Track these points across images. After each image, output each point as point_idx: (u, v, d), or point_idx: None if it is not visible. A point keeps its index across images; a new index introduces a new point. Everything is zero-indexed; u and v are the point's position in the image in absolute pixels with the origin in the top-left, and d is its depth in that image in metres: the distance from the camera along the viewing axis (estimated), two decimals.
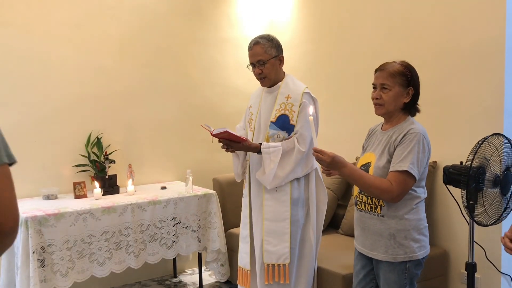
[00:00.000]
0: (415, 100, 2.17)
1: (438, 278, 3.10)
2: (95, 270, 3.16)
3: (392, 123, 2.19)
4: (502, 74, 2.78)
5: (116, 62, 3.88)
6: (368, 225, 2.19)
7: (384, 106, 2.15)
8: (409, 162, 2.00)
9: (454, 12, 3.03)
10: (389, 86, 2.12)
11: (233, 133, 2.64)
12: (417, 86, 2.16)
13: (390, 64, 2.17)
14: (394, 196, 2.03)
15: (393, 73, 2.12)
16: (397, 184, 2.01)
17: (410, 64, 2.18)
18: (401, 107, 2.15)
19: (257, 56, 2.76)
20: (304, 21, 4.34)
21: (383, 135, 2.20)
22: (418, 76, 2.18)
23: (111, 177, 3.62)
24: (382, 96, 2.14)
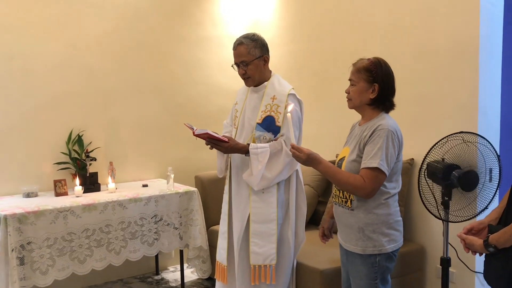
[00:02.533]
0: (385, 96, 2.18)
1: (415, 273, 3.16)
2: (76, 267, 3.16)
3: (366, 118, 2.24)
4: (476, 74, 2.85)
5: (98, 59, 3.87)
6: (341, 218, 2.26)
7: (352, 101, 2.23)
8: (379, 158, 2.05)
9: (431, 13, 3.09)
10: (355, 82, 2.20)
11: (214, 134, 2.63)
12: (386, 82, 2.17)
13: (361, 60, 2.22)
14: (367, 192, 2.08)
15: (358, 69, 2.18)
16: (369, 180, 2.06)
17: (383, 61, 2.20)
18: (368, 102, 2.19)
19: (240, 57, 2.75)
20: (287, 20, 4.37)
21: (358, 130, 2.26)
22: (389, 72, 2.19)
23: (92, 175, 3.62)
24: (350, 90, 2.22)
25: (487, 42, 2.86)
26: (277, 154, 2.70)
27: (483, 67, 2.85)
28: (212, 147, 2.73)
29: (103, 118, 3.92)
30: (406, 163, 3.14)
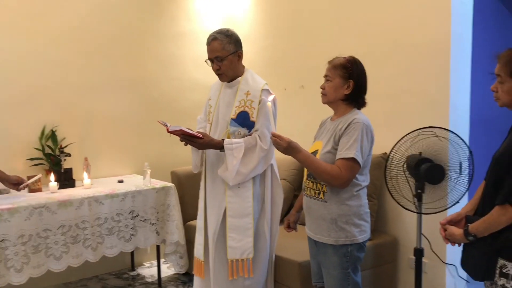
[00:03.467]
0: (358, 93, 2.28)
1: (388, 265, 3.26)
2: (52, 264, 3.12)
3: (339, 114, 2.33)
4: (447, 70, 2.95)
5: (70, 54, 3.81)
6: (313, 210, 2.32)
7: (326, 96, 2.31)
8: (355, 149, 2.13)
9: (405, 11, 3.17)
10: (331, 78, 2.28)
11: (188, 131, 2.61)
12: (360, 80, 2.27)
13: (337, 58, 2.32)
14: (343, 181, 2.16)
15: (335, 65, 2.28)
16: (345, 170, 2.14)
17: (358, 60, 2.31)
18: (342, 98, 2.28)
19: (214, 52, 2.74)
20: (261, 16, 4.40)
21: (331, 125, 2.33)
22: (363, 71, 2.30)
23: (67, 171, 3.57)
24: (325, 86, 2.30)
25: (458, 40, 2.96)
26: (252, 149, 2.72)
27: (454, 64, 2.96)
28: (187, 144, 2.73)
29: (77, 113, 3.86)
30: (379, 157, 3.22)
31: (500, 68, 1.82)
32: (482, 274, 1.84)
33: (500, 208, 1.76)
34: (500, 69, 1.82)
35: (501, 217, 1.75)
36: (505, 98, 1.83)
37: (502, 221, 1.75)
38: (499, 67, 1.82)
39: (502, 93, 1.83)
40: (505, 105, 1.86)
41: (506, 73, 1.79)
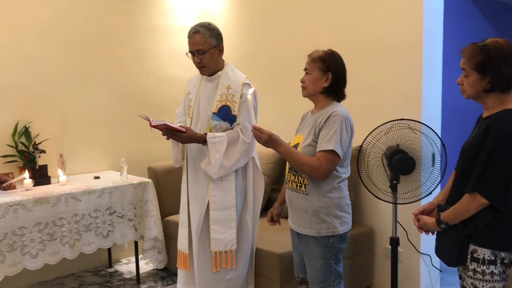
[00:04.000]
0: (337, 86, 2.32)
1: (365, 254, 3.34)
2: (28, 262, 3.07)
3: (319, 107, 2.37)
4: (420, 65, 3.03)
5: (43, 48, 3.74)
6: (294, 202, 2.36)
7: (306, 89, 2.35)
8: (334, 142, 2.17)
9: (379, 7, 3.24)
10: (310, 71, 2.32)
11: (172, 125, 2.62)
12: (338, 72, 2.31)
13: (316, 51, 2.35)
14: (323, 173, 2.20)
15: (314, 58, 2.31)
16: (325, 162, 2.18)
17: (337, 53, 2.35)
18: (321, 90, 2.32)
19: (196, 45, 2.75)
20: (237, 11, 4.42)
21: (311, 118, 2.37)
22: (342, 64, 2.34)
23: (42, 168, 3.51)
24: (305, 79, 2.34)
25: (430, 35, 3.05)
26: (234, 142, 2.76)
27: (426, 59, 3.04)
28: (169, 138, 2.73)
29: (51, 109, 3.80)
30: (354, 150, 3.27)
31: (465, 62, 1.89)
32: (455, 260, 1.92)
33: (469, 196, 1.84)
34: (464, 63, 1.90)
35: (470, 205, 1.83)
36: (470, 91, 1.91)
37: (471, 208, 1.83)
38: (464, 61, 1.90)
39: (467, 85, 1.90)
40: (471, 97, 1.94)
41: (470, 67, 1.87)
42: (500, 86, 1.84)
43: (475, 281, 1.86)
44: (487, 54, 1.83)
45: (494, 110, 1.89)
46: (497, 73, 1.82)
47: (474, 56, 1.86)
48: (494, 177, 1.77)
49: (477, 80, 1.87)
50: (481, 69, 1.84)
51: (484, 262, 1.83)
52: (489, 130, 1.82)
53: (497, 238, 1.82)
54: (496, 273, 1.83)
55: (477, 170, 1.81)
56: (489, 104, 1.91)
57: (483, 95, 1.90)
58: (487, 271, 1.83)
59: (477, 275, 1.85)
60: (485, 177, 1.78)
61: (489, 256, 1.83)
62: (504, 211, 1.78)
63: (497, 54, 1.82)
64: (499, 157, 1.76)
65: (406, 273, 3.20)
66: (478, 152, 1.84)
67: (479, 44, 1.88)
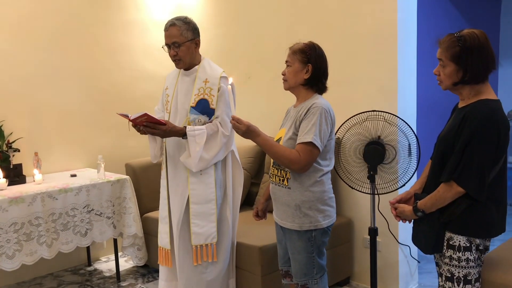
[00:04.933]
0: (318, 77, 2.32)
1: (344, 245, 3.38)
2: (4, 263, 3.01)
3: (300, 99, 2.37)
4: (395, 56, 3.07)
5: (13, 45, 3.65)
6: (278, 196, 2.36)
7: (287, 82, 2.35)
8: (313, 134, 2.17)
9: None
10: (290, 63, 2.33)
11: (152, 116, 2.62)
12: (319, 64, 2.31)
13: (297, 43, 2.35)
14: (302, 165, 2.19)
15: (294, 51, 2.32)
16: (304, 154, 2.18)
17: (318, 45, 2.35)
18: (302, 82, 2.32)
19: (172, 38, 2.75)
20: (212, 5, 4.39)
21: (294, 111, 2.37)
22: (322, 56, 2.34)
23: (16, 167, 3.45)
24: (286, 72, 2.35)
25: (404, 26, 3.08)
26: (214, 135, 2.76)
27: (401, 51, 3.08)
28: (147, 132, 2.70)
29: (23, 107, 3.72)
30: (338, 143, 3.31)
31: (441, 53, 1.92)
32: (432, 247, 1.96)
33: (445, 185, 1.88)
34: (441, 53, 1.92)
35: (447, 193, 1.87)
36: (446, 81, 1.94)
37: (447, 196, 1.87)
38: (440, 51, 1.93)
39: (444, 76, 1.93)
40: (448, 88, 1.97)
41: (447, 57, 1.90)
42: (475, 77, 1.87)
43: (451, 268, 1.91)
44: (464, 45, 1.86)
45: (470, 100, 1.92)
46: (472, 64, 1.85)
47: (450, 47, 1.89)
48: (470, 166, 1.80)
49: (453, 71, 1.90)
50: (458, 60, 1.87)
51: (460, 249, 1.88)
52: (465, 120, 1.85)
53: (472, 226, 1.87)
54: (471, 259, 1.88)
55: (453, 159, 1.85)
56: (465, 94, 1.94)
57: (459, 86, 1.93)
58: (462, 257, 1.88)
59: (453, 261, 1.90)
60: (461, 166, 1.82)
61: (465, 243, 1.87)
62: (479, 199, 1.82)
63: (473, 45, 1.85)
64: (475, 147, 1.80)
65: (385, 263, 3.25)
66: (454, 141, 1.88)
67: (456, 35, 1.91)
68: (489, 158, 1.81)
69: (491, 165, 1.83)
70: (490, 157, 1.81)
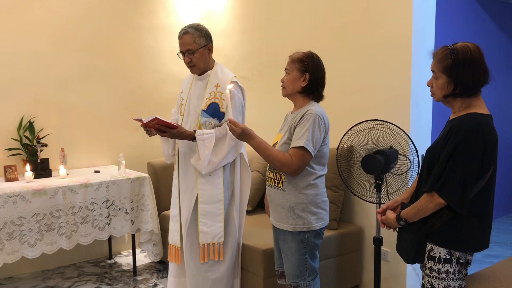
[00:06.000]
0: (314, 86, 2.38)
1: (354, 253, 3.37)
2: (26, 251, 3.21)
3: (297, 106, 2.44)
4: (409, 66, 3.04)
5: (49, 46, 3.88)
6: (273, 198, 2.44)
7: (285, 89, 2.43)
8: (305, 139, 2.24)
9: (369, 7, 3.26)
10: (289, 71, 2.41)
11: (163, 119, 2.73)
12: (316, 73, 2.37)
13: (296, 52, 2.43)
14: (293, 169, 2.27)
15: (293, 59, 2.40)
16: (296, 158, 2.25)
17: (316, 55, 2.42)
18: (299, 90, 2.39)
19: (186, 45, 2.86)
20: (238, 11, 4.48)
21: (291, 117, 2.44)
22: (320, 65, 2.40)
23: (43, 161, 3.66)
24: (284, 79, 2.43)
25: (419, 36, 3.05)
26: (223, 138, 2.85)
27: (415, 60, 3.05)
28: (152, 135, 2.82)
29: (55, 105, 3.95)
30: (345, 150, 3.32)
31: (435, 65, 1.92)
32: (412, 257, 1.96)
33: (427, 195, 1.87)
34: (434, 65, 1.93)
35: (428, 204, 1.87)
36: (438, 93, 1.94)
37: (429, 207, 1.87)
38: (434, 63, 1.93)
39: (436, 88, 1.93)
40: (439, 100, 1.97)
41: (439, 69, 1.90)
42: (466, 90, 1.87)
43: (431, 279, 1.90)
44: (456, 58, 1.86)
45: (460, 113, 1.92)
46: (463, 77, 1.85)
47: (443, 59, 1.89)
48: (452, 178, 1.80)
49: (445, 83, 1.90)
50: (449, 73, 1.87)
51: (440, 260, 1.87)
52: (451, 132, 1.85)
53: (453, 238, 1.85)
54: (451, 272, 1.86)
55: (437, 171, 1.85)
56: (456, 107, 1.94)
57: (450, 99, 1.93)
58: (442, 269, 1.87)
59: (433, 273, 1.89)
60: (443, 178, 1.82)
61: (445, 255, 1.87)
62: (460, 212, 1.81)
63: (465, 59, 1.85)
64: (458, 159, 1.79)
65: (393, 273, 3.22)
66: (440, 153, 1.87)
67: (449, 47, 1.91)
68: (472, 171, 1.79)
69: (475, 179, 1.81)
70: (473, 170, 1.79)
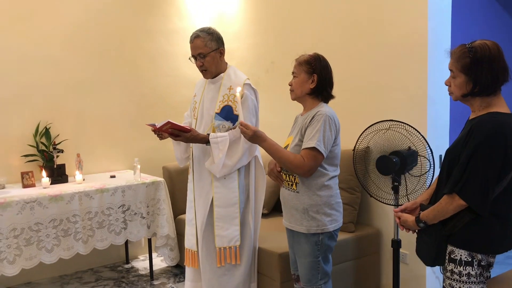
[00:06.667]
0: (323, 87, 2.38)
1: (372, 256, 3.33)
2: (43, 257, 3.23)
3: (307, 108, 2.43)
4: (425, 65, 2.99)
5: (64, 52, 3.92)
6: (287, 200, 2.43)
7: (294, 92, 2.42)
8: (316, 139, 2.23)
9: (383, 6, 3.22)
10: (297, 74, 2.40)
11: (176, 123, 2.73)
12: (324, 74, 2.37)
13: (302, 55, 2.43)
14: (305, 170, 2.26)
15: (300, 62, 2.39)
16: (308, 159, 2.24)
17: (322, 56, 2.42)
18: (308, 92, 2.38)
19: (197, 49, 2.85)
20: (252, 13, 4.47)
21: (301, 119, 2.44)
22: (327, 66, 2.40)
23: (60, 167, 3.68)
24: (293, 83, 2.42)
25: (435, 35, 3.00)
26: (236, 141, 2.83)
27: (431, 59, 2.99)
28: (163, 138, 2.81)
29: (70, 111, 3.97)
30: (361, 151, 3.27)
31: (453, 63, 1.88)
32: (433, 259, 1.92)
33: (447, 197, 1.83)
34: (452, 64, 1.88)
35: (448, 206, 1.82)
36: (457, 92, 1.89)
37: (449, 209, 1.83)
38: (452, 62, 1.89)
39: (454, 87, 1.89)
40: (458, 99, 1.92)
41: (458, 68, 1.86)
42: (485, 89, 1.83)
43: (453, 282, 1.86)
44: (474, 56, 1.82)
45: (479, 112, 1.87)
46: (482, 76, 1.81)
47: (461, 58, 1.85)
48: (473, 179, 1.75)
49: (464, 82, 1.86)
50: (468, 71, 1.83)
51: (461, 263, 1.83)
52: (471, 132, 1.80)
53: (474, 240, 1.81)
54: (472, 275, 1.82)
55: (457, 172, 1.81)
56: (476, 106, 1.89)
57: (469, 98, 1.88)
58: (463, 272, 1.82)
59: (454, 276, 1.85)
60: (464, 179, 1.77)
61: (466, 258, 1.82)
62: (481, 214, 1.76)
63: (483, 57, 1.81)
64: (479, 160, 1.75)
65: (412, 275, 3.17)
66: (460, 153, 1.83)
67: (467, 45, 1.87)
68: (494, 172, 1.75)
69: (496, 179, 1.76)
70: (495, 171, 1.75)
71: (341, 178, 3.25)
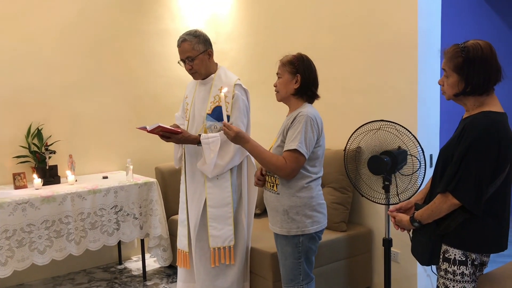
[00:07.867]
0: (307, 86, 2.37)
1: (363, 255, 3.35)
2: (36, 258, 3.22)
3: (292, 109, 2.43)
4: (415, 65, 3.02)
5: (56, 53, 3.91)
6: (268, 202, 2.44)
7: (279, 93, 2.42)
8: (298, 141, 2.23)
9: (374, 7, 3.24)
10: (281, 74, 2.41)
11: (166, 126, 2.73)
12: (307, 74, 2.36)
13: (286, 56, 2.43)
14: (287, 172, 2.26)
15: (284, 63, 2.40)
16: (290, 161, 2.24)
17: (306, 56, 2.42)
18: (293, 92, 2.38)
19: (185, 53, 2.87)
20: (244, 14, 4.48)
21: (285, 120, 2.43)
22: (310, 65, 2.39)
23: (52, 168, 3.68)
24: (277, 83, 2.42)
25: (425, 35, 3.02)
26: (228, 142, 2.84)
27: (422, 60, 3.02)
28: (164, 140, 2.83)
29: (62, 112, 3.97)
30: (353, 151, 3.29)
31: (446, 63, 1.90)
32: (428, 259, 1.93)
33: (441, 196, 1.85)
34: (445, 64, 1.90)
35: (442, 205, 1.84)
36: (449, 92, 1.91)
37: (443, 208, 1.84)
38: (445, 61, 1.91)
39: (447, 86, 1.91)
40: (451, 98, 1.94)
41: (450, 68, 1.87)
42: (477, 89, 1.84)
43: (446, 281, 1.87)
44: (466, 56, 1.83)
45: (473, 111, 1.89)
46: (474, 75, 1.82)
47: (454, 57, 1.87)
48: (466, 178, 1.77)
49: (456, 82, 1.88)
50: (460, 71, 1.85)
51: (455, 262, 1.85)
52: (464, 131, 1.82)
53: (468, 240, 1.83)
54: (466, 274, 1.84)
55: (450, 171, 1.82)
56: (469, 106, 1.91)
57: (462, 97, 1.90)
58: (457, 271, 1.84)
59: (448, 275, 1.87)
60: (457, 178, 1.79)
61: (460, 257, 1.84)
62: (475, 213, 1.78)
63: (476, 57, 1.82)
64: (472, 159, 1.77)
65: (404, 274, 3.19)
66: (453, 152, 1.85)
67: (460, 45, 1.88)
68: (487, 171, 1.76)
69: (490, 178, 1.78)
70: (488, 170, 1.76)
71: (332, 178, 3.30)
